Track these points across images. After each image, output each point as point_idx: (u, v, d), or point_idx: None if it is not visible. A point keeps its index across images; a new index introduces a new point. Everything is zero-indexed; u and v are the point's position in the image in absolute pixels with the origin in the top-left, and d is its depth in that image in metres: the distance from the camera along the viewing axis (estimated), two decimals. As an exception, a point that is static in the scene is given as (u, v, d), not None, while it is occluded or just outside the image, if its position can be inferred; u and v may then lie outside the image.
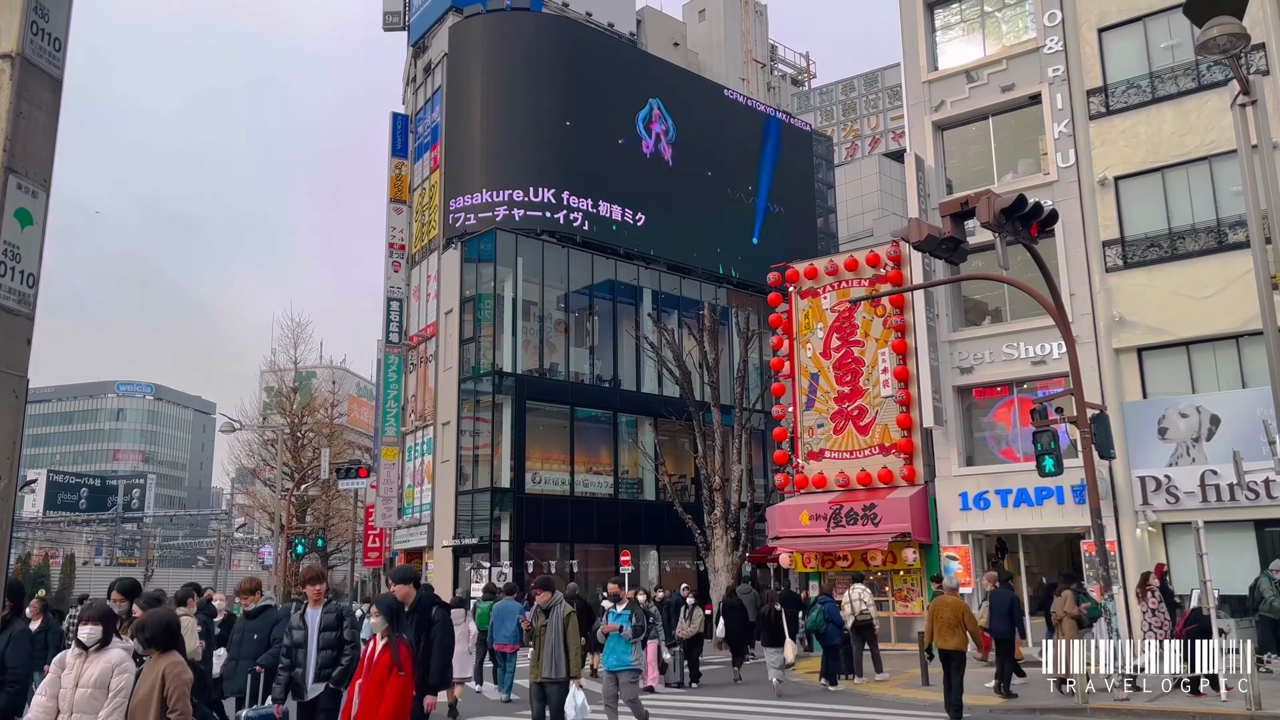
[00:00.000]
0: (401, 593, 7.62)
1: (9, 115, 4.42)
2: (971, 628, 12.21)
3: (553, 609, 9.34)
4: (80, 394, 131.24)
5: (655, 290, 36.70)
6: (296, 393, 47.74)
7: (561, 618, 9.27)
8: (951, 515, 21.77)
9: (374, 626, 6.97)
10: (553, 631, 9.25)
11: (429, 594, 7.85)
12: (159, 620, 5.59)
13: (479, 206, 34.59)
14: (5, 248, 4.40)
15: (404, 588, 7.69)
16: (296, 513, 43.93)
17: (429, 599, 7.76)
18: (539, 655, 9.35)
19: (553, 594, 9.45)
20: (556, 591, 9.55)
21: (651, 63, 40.86)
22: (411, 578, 7.78)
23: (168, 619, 5.64)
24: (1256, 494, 17.72)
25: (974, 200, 11.82)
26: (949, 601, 12.58)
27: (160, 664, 5.41)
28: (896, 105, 53.41)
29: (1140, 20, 20.77)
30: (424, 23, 40.45)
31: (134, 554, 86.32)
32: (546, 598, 9.41)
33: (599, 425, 34.89)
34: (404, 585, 7.71)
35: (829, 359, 24.68)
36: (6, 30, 4.48)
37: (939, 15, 24.34)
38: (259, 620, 8.83)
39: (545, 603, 9.43)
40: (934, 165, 23.33)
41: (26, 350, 4.62)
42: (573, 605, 9.94)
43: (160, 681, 5.32)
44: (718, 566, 26.01)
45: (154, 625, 5.52)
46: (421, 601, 7.74)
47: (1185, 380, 19.58)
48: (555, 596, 9.45)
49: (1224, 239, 19.16)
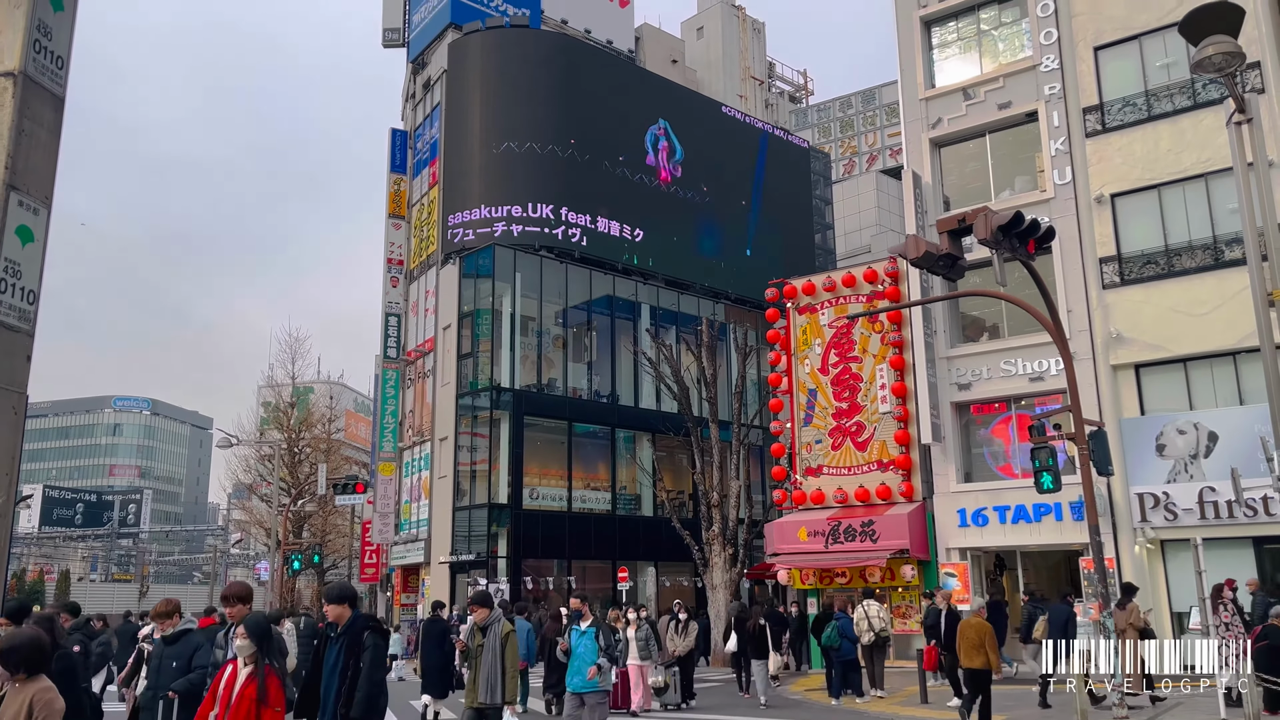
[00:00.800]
0: (334, 612, 6.80)
1: (11, 133, 4.42)
2: (992, 651, 12.62)
3: (490, 627, 8.72)
4: (77, 409, 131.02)
5: (653, 306, 36.74)
6: (294, 408, 47.65)
7: (499, 637, 8.64)
8: (950, 532, 21.74)
9: (238, 650, 6.02)
10: (489, 652, 8.62)
11: (365, 618, 6.98)
12: (28, 641, 4.93)
13: (477, 222, 34.65)
14: (6, 265, 4.39)
15: (337, 608, 6.81)
16: (293, 529, 43.76)
17: (364, 622, 6.88)
18: (474, 678, 8.72)
19: (491, 610, 8.87)
20: (496, 608, 8.98)
21: (649, 80, 41.04)
22: (347, 597, 6.96)
23: (38, 639, 4.99)
24: (1255, 511, 17.72)
25: (971, 217, 11.83)
26: (974, 623, 13.06)
27: (28, 690, 4.77)
28: (894, 122, 53.61)
29: (1136, 39, 20.90)
30: (423, 39, 40.62)
31: (129, 570, 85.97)
32: (484, 615, 8.80)
33: (597, 441, 34.84)
34: (338, 605, 6.82)
35: (827, 375, 24.68)
36: (9, 49, 4.49)
37: (936, 33, 24.48)
38: (178, 646, 7.90)
39: (482, 620, 8.79)
40: (931, 182, 23.41)
41: (26, 367, 4.61)
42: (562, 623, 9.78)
43: (28, 709, 4.69)
44: (716, 583, 25.90)
45: (24, 647, 4.86)
46: (355, 624, 6.80)
47: (1183, 397, 19.61)
48: (494, 614, 8.88)
49: (1220, 256, 19.22)
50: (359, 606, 6.98)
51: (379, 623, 7.03)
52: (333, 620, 6.80)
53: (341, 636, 6.68)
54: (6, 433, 4.48)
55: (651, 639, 15.71)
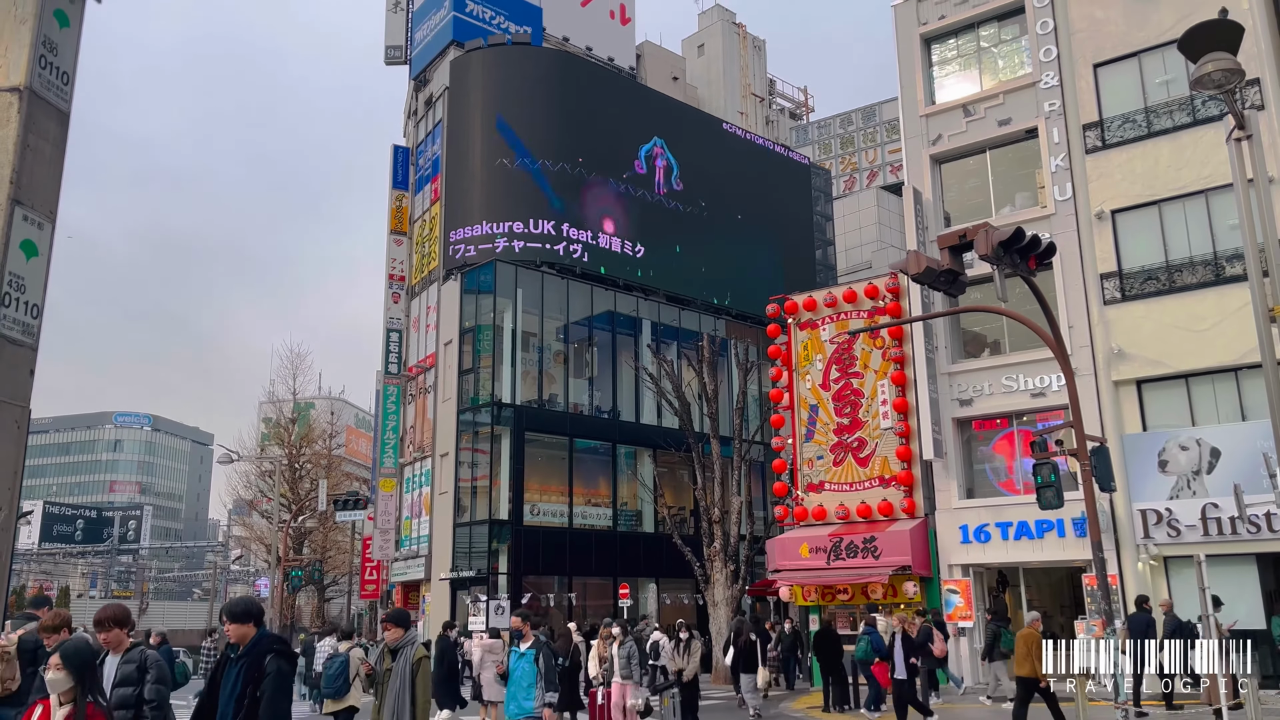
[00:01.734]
0: (237, 633, 6.04)
1: (16, 148, 4.45)
2: (1036, 660, 13.11)
3: (402, 650, 7.87)
4: (78, 425, 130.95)
5: (654, 321, 36.75)
6: (295, 424, 47.64)
7: (411, 661, 7.79)
8: (952, 548, 21.67)
9: (51, 685, 5.08)
10: (398, 678, 7.75)
11: (271, 639, 6.19)
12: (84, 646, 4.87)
13: (479, 238, 34.72)
14: (10, 279, 4.41)
15: (240, 627, 6.04)
16: (293, 545, 43.68)
17: (268, 644, 6.06)
18: (380, 705, 7.91)
19: (406, 631, 8.05)
20: (412, 629, 8.17)
21: (651, 96, 41.21)
22: (251, 615, 6.14)
23: None
24: (1258, 527, 17.66)
25: (972, 233, 11.86)
26: (1024, 634, 13.75)
27: None
28: (894, 139, 53.78)
29: (1135, 56, 21.00)
30: (425, 57, 40.81)
31: (129, 586, 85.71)
32: (397, 635, 7.98)
33: (598, 457, 34.80)
34: (240, 624, 6.05)
35: (828, 391, 24.67)
36: (15, 64, 4.52)
37: (936, 50, 24.60)
38: None
39: (394, 641, 7.95)
40: (932, 198, 23.47)
41: (29, 381, 4.62)
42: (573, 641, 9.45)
43: None
44: (717, 600, 25.81)
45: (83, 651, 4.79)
46: (257, 645, 6.02)
47: (1185, 413, 19.58)
48: (408, 634, 8.06)
49: (1221, 272, 19.24)
50: (265, 625, 6.21)
51: (286, 645, 6.27)
52: (234, 640, 6.07)
53: (241, 659, 5.95)
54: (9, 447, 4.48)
55: (634, 657, 14.85)
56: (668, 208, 38.99)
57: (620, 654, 14.62)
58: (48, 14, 4.58)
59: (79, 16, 4.90)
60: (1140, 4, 20.97)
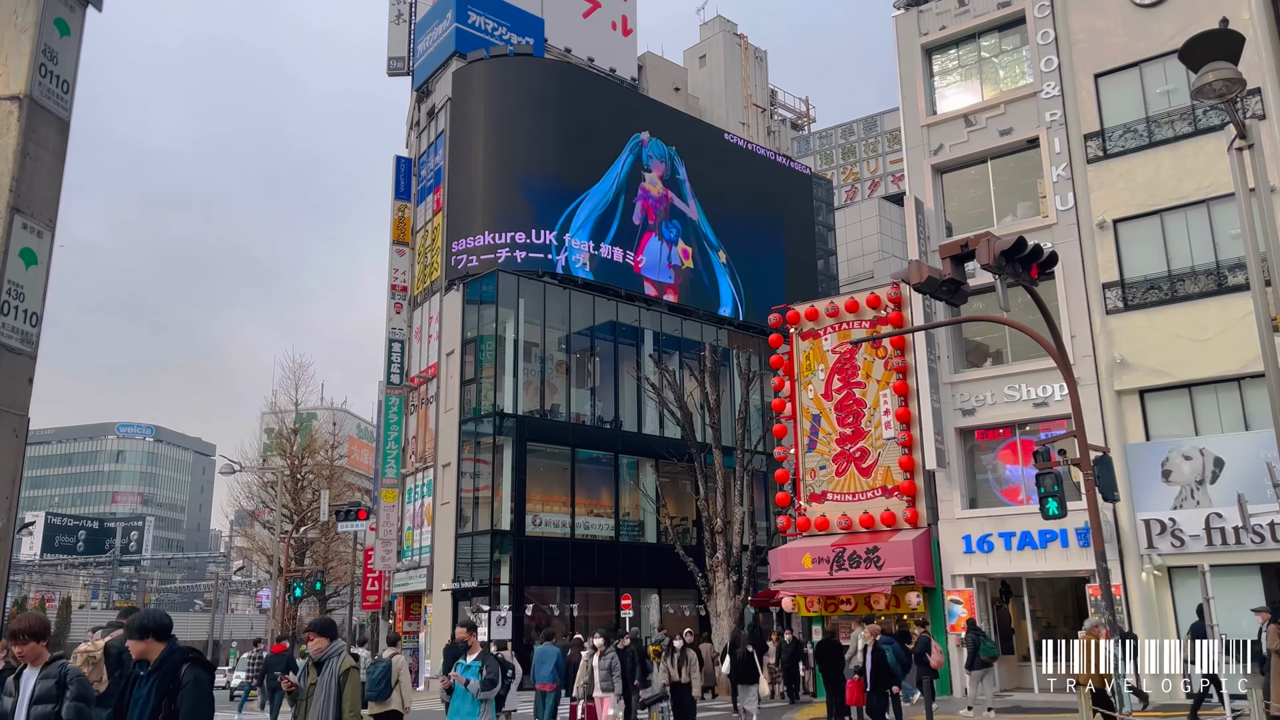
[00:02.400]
0: (138, 649, 5.54)
1: (16, 156, 4.45)
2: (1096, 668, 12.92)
3: (326, 663, 7.04)
4: (80, 436, 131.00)
5: (656, 331, 36.77)
6: (297, 434, 47.60)
7: (337, 674, 6.95)
8: (955, 558, 21.60)
9: None
10: (323, 691, 6.93)
11: (183, 650, 5.65)
12: None
13: (481, 249, 34.77)
14: (9, 287, 4.40)
15: (141, 643, 5.53)
16: (295, 555, 43.60)
17: (181, 655, 5.57)
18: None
19: (331, 641, 7.16)
20: (338, 639, 7.26)
21: (653, 107, 41.31)
22: (151, 629, 5.56)
23: None
24: (1262, 537, 17.60)
25: (974, 243, 11.86)
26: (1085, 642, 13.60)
27: None
28: (896, 149, 53.88)
29: (1136, 66, 21.01)
30: (428, 68, 40.95)
31: (130, 597, 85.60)
32: (321, 646, 7.11)
33: (600, 467, 34.75)
34: (141, 640, 5.54)
35: (830, 400, 24.63)
36: (15, 73, 4.52)
37: (937, 61, 24.64)
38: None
39: (319, 652, 7.10)
40: (933, 208, 23.47)
41: (28, 389, 4.61)
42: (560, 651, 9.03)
43: None
44: (720, 610, 25.74)
45: None
46: (170, 658, 5.54)
47: (1188, 422, 19.52)
48: (334, 645, 7.14)
49: (1224, 281, 19.21)
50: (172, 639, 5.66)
51: (201, 655, 5.72)
52: (137, 657, 5.58)
53: (153, 674, 5.46)
54: (8, 455, 4.47)
55: (616, 669, 14.28)
56: (669, 218, 39.01)
57: (601, 665, 14.17)
58: (48, 23, 4.58)
59: (79, 25, 4.91)
60: (1141, 14, 21.00)
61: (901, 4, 25.22)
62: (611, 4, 45.81)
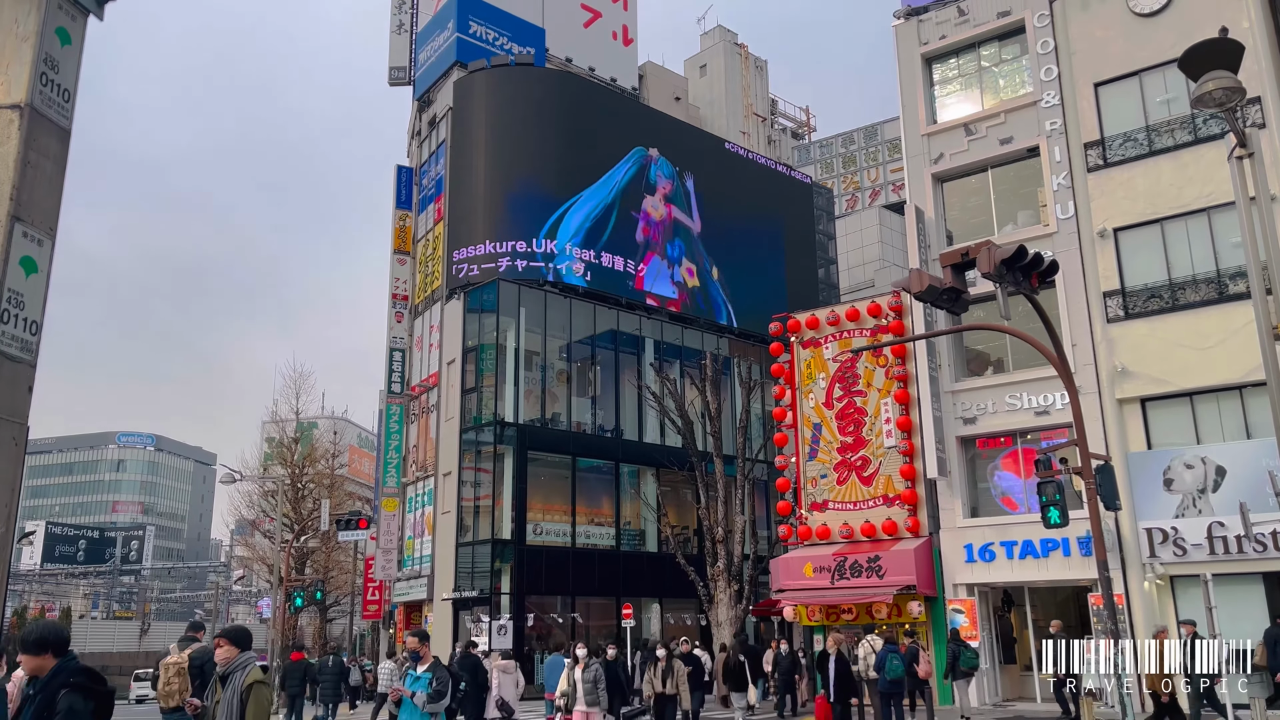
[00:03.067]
0: (31, 665, 5.01)
1: (17, 164, 4.46)
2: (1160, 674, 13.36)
3: (231, 676, 6.22)
4: (81, 445, 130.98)
5: (657, 340, 36.77)
6: (298, 443, 47.58)
7: (240, 690, 6.14)
8: (956, 567, 21.55)
9: None
10: (226, 708, 6.13)
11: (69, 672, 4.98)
12: None
13: (482, 258, 34.80)
14: (9, 295, 4.41)
15: (35, 659, 4.98)
16: (295, 565, 43.52)
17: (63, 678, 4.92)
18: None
19: (241, 651, 6.35)
20: (249, 651, 6.46)
21: (653, 117, 41.39)
22: (49, 643, 5.02)
23: None
24: (1264, 546, 17.55)
25: (974, 251, 11.84)
26: None
27: None
28: (896, 158, 53.95)
29: (1136, 75, 21.05)
30: (429, 78, 41.06)
31: (130, 607, 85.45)
32: (229, 656, 6.29)
33: (601, 476, 34.71)
34: (38, 655, 4.99)
35: (831, 409, 24.61)
36: (16, 81, 4.54)
37: (937, 70, 24.69)
38: None
39: (225, 663, 6.27)
40: (934, 217, 23.49)
41: (28, 397, 4.61)
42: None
43: None
44: (721, 620, 25.67)
45: None
46: (53, 680, 4.92)
47: (1190, 431, 19.50)
48: (241, 657, 6.32)
49: (1224, 290, 19.21)
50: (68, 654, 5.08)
51: (84, 679, 5.04)
52: (30, 674, 5.07)
53: (36, 695, 4.92)
54: (7, 464, 4.46)
55: (601, 681, 13.90)
56: (669, 227, 39.05)
57: (585, 678, 13.84)
58: (49, 31, 4.60)
59: (80, 34, 4.92)
60: (1140, 23, 21.05)
61: (902, 13, 25.29)
62: (612, 14, 45.94)
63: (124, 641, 71.55)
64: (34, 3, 4.61)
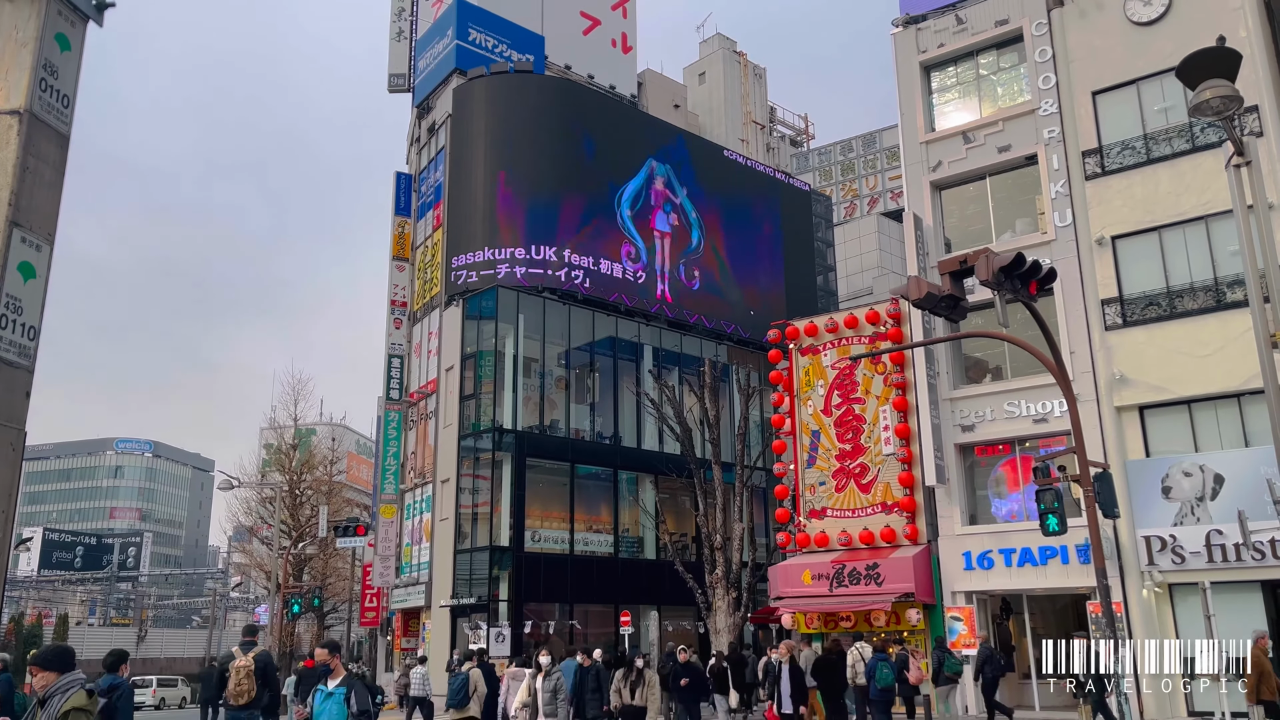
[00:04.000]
0: (44, 682, 5.06)
1: (15, 170, 4.45)
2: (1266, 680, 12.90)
3: (50, 700, 5.47)
4: (79, 451, 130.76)
5: (656, 347, 36.76)
6: (296, 450, 47.53)
7: (54, 716, 5.42)
8: (955, 575, 21.53)
9: None
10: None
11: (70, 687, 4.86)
12: None
13: (481, 264, 34.80)
14: (7, 300, 4.40)
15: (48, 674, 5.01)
16: (293, 571, 43.44)
17: None
18: None
19: (60, 675, 5.53)
20: (71, 674, 5.60)
21: (652, 124, 41.43)
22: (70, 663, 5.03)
23: None
24: (1263, 554, 17.55)
25: (973, 258, 11.87)
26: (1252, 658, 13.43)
27: None
28: (894, 165, 54.03)
29: (1134, 83, 21.11)
30: (428, 84, 41.10)
31: (127, 614, 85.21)
32: (47, 681, 5.50)
33: (599, 482, 34.67)
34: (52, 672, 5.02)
35: (830, 416, 24.61)
36: (16, 86, 4.53)
37: (936, 78, 24.75)
38: None
39: (44, 688, 5.51)
40: (932, 224, 23.52)
41: (25, 403, 4.59)
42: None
43: None
44: (719, 627, 25.62)
45: None
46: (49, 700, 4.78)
47: (1188, 439, 19.51)
48: (62, 680, 5.51)
49: (1222, 298, 19.23)
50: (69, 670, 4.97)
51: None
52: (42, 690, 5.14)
53: None
54: (4, 469, 4.46)
55: (561, 691, 13.47)
56: (668, 234, 39.08)
57: (545, 687, 13.56)
58: (49, 38, 4.60)
59: (80, 40, 4.92)
60: (1138, 32, 21.11)
61: (900, 22, 25.36)
62: (612, 21, 46.02)
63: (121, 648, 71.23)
64: (33, 9, 4.61)
